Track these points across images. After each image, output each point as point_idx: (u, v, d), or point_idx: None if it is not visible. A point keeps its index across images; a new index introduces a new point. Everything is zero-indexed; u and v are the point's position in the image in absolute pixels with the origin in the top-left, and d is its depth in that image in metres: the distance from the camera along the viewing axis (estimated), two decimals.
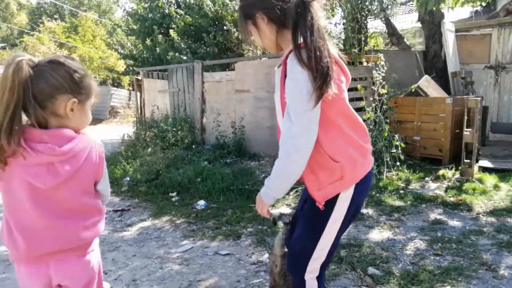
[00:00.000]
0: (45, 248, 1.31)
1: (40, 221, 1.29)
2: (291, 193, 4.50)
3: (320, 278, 1.59)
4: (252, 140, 6.47)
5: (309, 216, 1.55)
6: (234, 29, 9.24)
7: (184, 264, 2.95)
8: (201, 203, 4.44)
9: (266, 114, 6.29)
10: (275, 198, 1.46)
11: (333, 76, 1.32)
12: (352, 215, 1.55)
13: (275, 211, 2.09)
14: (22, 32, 26.07)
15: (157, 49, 10.64)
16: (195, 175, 5.27)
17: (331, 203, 1.47)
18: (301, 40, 1.33)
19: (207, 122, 7.33)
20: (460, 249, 2.83)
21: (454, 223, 3.34)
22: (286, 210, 1.99)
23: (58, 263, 1.34)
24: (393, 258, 2.77)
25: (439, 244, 2.94)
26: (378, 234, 3.22)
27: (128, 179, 5.62)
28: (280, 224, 2.02)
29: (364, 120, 5.64)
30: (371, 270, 2.58)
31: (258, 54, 7.56)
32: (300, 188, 4.62)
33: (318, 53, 1.29)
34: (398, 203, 3.99)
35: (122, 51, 14.45)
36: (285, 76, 1.37)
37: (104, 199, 1.48)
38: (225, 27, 9.53)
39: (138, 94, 9.11)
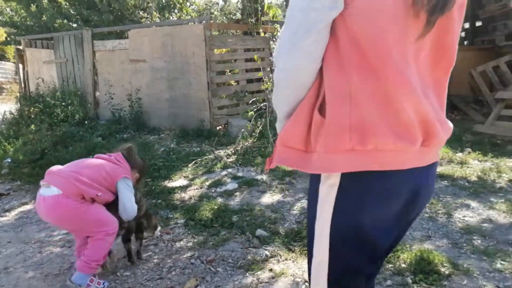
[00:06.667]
0: None
1: None
2: (189, 164, 4.44)
3: None
4: (150, 113, 6.20)
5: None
6: None
7: (66, 246, 2.74)
8: None
9: (164, 86, 6.04)
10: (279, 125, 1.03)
11: None
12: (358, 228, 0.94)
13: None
14: None
15: (44, 16, 9.55)
16: (87, 153, 4.89)
17: (314, 189, 0.99)
18: None
19: (101, 95, 6.82)
20: None
21: None
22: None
23: None
24: (280, 218, 2.89)
25: None
26: (269, 198, 3.34)
27: (9, 160, 5.04)
28: None
29: (261, 91, 5.73)
30: (259, 231, 2.67)
31: (154, 21, 7.18)
32: (199, 159, 4.58)
33: None
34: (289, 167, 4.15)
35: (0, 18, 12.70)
36: None
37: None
38: None
39: (21, 66, 8.13)
